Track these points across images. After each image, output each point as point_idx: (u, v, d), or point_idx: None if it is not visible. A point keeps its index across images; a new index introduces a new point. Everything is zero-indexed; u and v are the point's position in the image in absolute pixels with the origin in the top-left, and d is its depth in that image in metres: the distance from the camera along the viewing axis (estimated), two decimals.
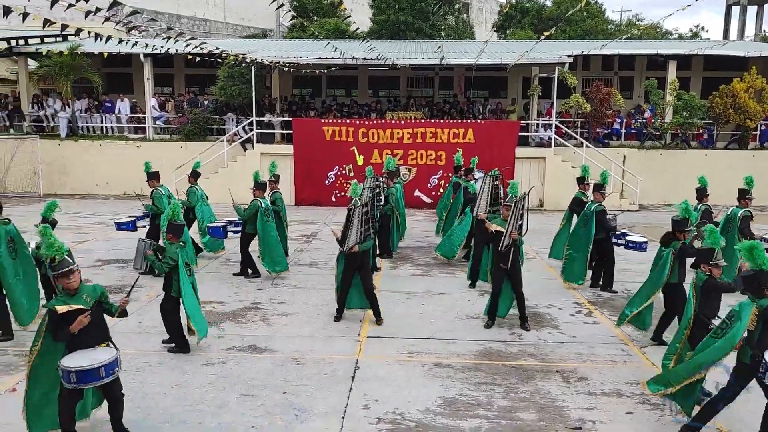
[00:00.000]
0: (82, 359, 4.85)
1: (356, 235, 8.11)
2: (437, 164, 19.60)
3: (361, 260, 8.25)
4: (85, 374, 4.77)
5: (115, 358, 4.97)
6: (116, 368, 4.98)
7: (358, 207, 8.14)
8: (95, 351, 5.00)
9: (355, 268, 8.26)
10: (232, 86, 20.80)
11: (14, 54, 22.64)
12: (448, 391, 6.33)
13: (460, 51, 22.92)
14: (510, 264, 7.99)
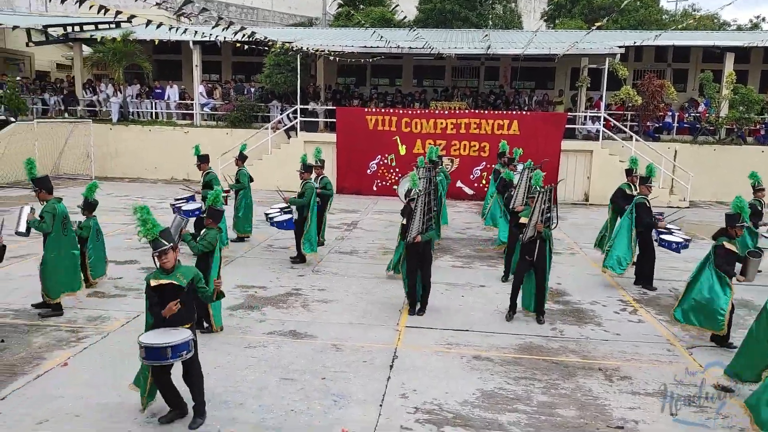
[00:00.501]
0: (156, 337, 4.98)
1: (419, 226, 8.00)
2: (480, 155, 19.39)
3: (423, 251, 8.15)
4: (152, 351, 4.89)
5: (185, 342, 4.97)
6: (184, 351, 4.97)
7: (421, 196, 8.01)
8: (174, 331, 5.05)
9: (417, 259, 8.15)
10: (277, 74, 20.97)
11: (70, 40, 23.36)
12: (487, 384, 6.27)
13: (507, 41, 22.56)
14: (536, 256, 7.86)
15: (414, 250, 8.13)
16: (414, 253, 8.16)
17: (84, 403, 5.53)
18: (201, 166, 11.43)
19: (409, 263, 8.25)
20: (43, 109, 22.93)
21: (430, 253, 8.41)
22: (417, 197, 8.04)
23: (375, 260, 11.33)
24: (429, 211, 8.08)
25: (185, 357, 5.03)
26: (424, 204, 7.99)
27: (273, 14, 32.61)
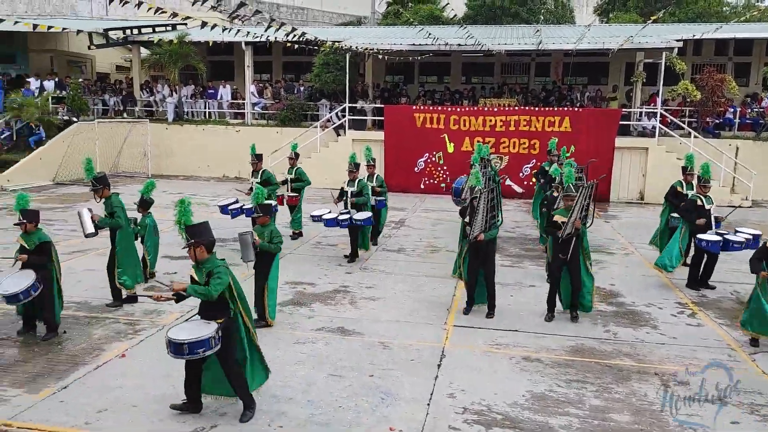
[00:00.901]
0: (181, 332, 5.09)
1: (482, 223, 7.87)
2: (530, 153, 19.06)
3: (486, 249, 8.02)
4: (173, 347, 5.00)
5: (202, 340, 4.96)
6: (203, 349, 4.97)
7: (484, 193, 7.87)
8: (202, 326, 5.13)
9: (479, 257, 8.03)
10: (326, 73, 21.15)
11: (129, 43, 24.14)
12: (537, 386, 6.16)
13: (558, 36, 22.10)
14: (570, 255, 7.68)
15: (477, 248, 8.01)
16: (476, 252, 8.03)
17: (141, 393, 5.71)
18: (257, 165, 11.65)
19: (471, 262, 8.14)
20: (103, 110, 23.79)
21: (494, 251, 8.23)
22: (480, 195, 7.92)
23: (422, 258, 11.29)
24: (492, 208, 7.95)
25: (202, 355, 5.03)
26: (487, 201, 7.86)
27: (322, 14, 32.91)
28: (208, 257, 5.27)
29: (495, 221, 8.06)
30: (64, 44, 26.77)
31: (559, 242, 7.80)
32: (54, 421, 5.22)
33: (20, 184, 18.40)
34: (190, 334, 5.03)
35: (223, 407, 5.51)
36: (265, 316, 7.46)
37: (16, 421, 5.19)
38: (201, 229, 5.32)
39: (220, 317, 5.23)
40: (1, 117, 20.79)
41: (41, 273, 6.88)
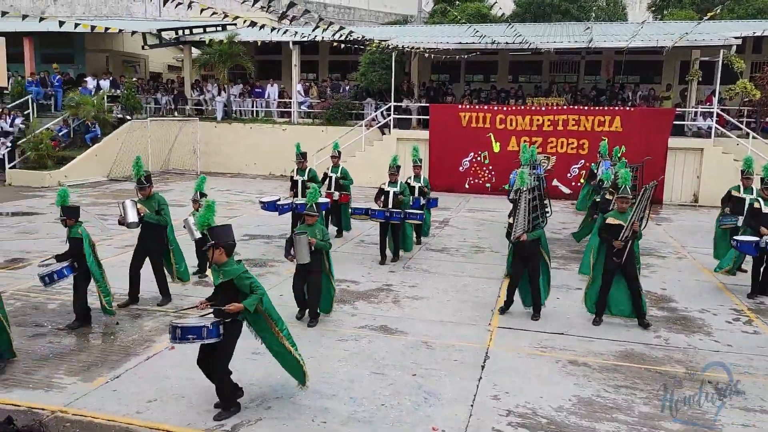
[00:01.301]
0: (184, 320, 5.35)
1: (524, 224, 7.76)
2: (579, 153, 18.70)
3: (529, 250, 7.89)
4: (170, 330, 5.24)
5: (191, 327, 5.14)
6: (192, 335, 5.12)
7: (524, 193, 7.78)
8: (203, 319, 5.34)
9: (523, 258, 7.90)
10: (372, 72, 21.23)
11: (180, 43, 24.79)
12: (584, 390, 6.03)
13: (610, 33, 21.59)
14: (624, 258, 7.47)
15: (520, 249, 7.89)
16: (520, 252, 7.91)
17: (188, 384, 5.84)
18: (302, 163, 11.74)
19: (515, 262, 8.04)
20: (155, 108, 24.49)
21: (537, 253, 8.05)
22: (520, 195, 7.82)
23: (466, 258, 11.21)
24: (535, 208, 7.83)
25: (194, 341, 5.18)
26: (529, 201, 7.76)
27: (369, 13, 33.05)
28: (226, 260, 5.29)
29: (538, 222, 7.93)
30: (120, 44, 27.65)
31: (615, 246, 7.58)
32: (107, 409, 5.39)
33: (77, 179, 19.11)
34: (187, 322, 5.23)
35: (268, 401, 5.59)
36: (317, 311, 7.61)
37: (72, 408, 5.38)
38: (222, 231, 5.35)
39: (227, 316, 5.25)
40: (60, 115, 21.62)
41: (77, 262, 7.12)
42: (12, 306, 7.98)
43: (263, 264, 10.40)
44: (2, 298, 6.38)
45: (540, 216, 7.96)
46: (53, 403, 5.45)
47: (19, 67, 23.27)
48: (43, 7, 30.40)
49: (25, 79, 22.71)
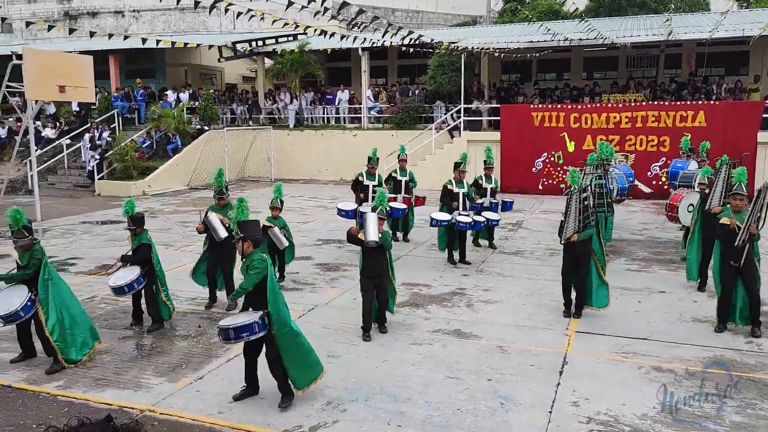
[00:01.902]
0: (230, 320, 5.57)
1: (574, 224, 7.64)
2: (659, 150, 17.93)
3: (580, 251, 7.76)
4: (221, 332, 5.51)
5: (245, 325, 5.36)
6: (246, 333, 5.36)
7: (575, 194, 7.64)
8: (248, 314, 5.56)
9: (574, 259, 7.80)
10: (441, 75, 21.16)
11: (254, 54, 25.59)
12: (668, 397, 5.74)
13: (690, 24, 20.58)
14: (743, 261, 7.02)
15: (571, 249, 7.77)
16: (571, 253, 7.81)
17: (267, 385, 5.97)
18: (373, 169, 11.81)
19: (566, 264, 7.94)
20: (231, 118, 25.38)
21: (588, 254, 7.91)
22: (571, 194, 7.66)
23: (541, 261, 10.96)
24: (586, 209, 7.66)
25: (246, 339, 5.42)
26: (580, 201, 7.59)
27: (437, 16, 32.96)
28: (251, 252, 5.66)
29: (589, 221, 7.72)
30: (197, 58, 28.86)
31: (732, 249, 7.18)
32: (191, 409, 5.60)
33: (159, 189, 20.06)
34: (235, 320, 5.46)
35: (344, 404, 5.65)
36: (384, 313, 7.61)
37: (159, 408, 5.64)
38: (250, 226, 5.78)
39: (260, 308, 5.55)
40: (143, 127, 22.79)
41: (145, 269, 7.46)
42: (102, 310, 8.46)
43: (337, 268, 10.55)
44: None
45: (591, 216, 7.77)
46: (142, 403, 5.72)
47: (105, 83, 24.71)
48: (126, 25, 32.16)
49: (111, 94, 24.10)
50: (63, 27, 14.31)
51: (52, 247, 12.25)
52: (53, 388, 6.03)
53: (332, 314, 8.16)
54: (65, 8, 33.34)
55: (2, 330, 7.64)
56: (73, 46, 25.29)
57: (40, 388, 6.04)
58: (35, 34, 32.68)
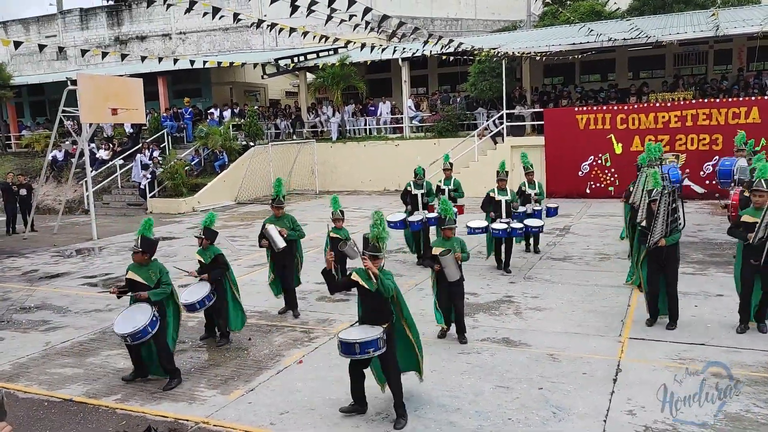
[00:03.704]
0: (353, 333, 5.42)
1: (662, 228, 7.29)
2: (712, 149, 17.34)
3: (666, 256, 7.42)
4: (344, 346, 5.33)
5: (371, 340, 5.27)
6: (372, 348, 5.27)
7: (665, 196, 7.30)
8: (371, 328, 5.43)
9: (660, 265, 7.45)
10: (482, 81, 21.05)
11: (296, 69, 26.05)
12: (731, 405, 5.52)
13: (740, 18, 19.90)
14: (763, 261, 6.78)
15: (657, 255, 7.41)
16: (656, 259, 7.44)
17: (317, 397, 6.05)
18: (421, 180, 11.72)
19: (651, 271, 7.55)
20: (275, 133, 25.85)
21: (676, 258, 7.55)
22: (660, 197, 7.36)
23: (591, 266, 10.72)
24: (674, 211, 7.34)
25: (373, 354, 5.32)
26: (668, 203, 7.28)
27: (476, 22, 32.83)
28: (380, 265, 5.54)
29: (677, 225, 7.40)
30: (242, 76, 29.55)
31: (750, 247, 6.96)
32: (244, 420, 5.70)
33: (208, 204, 20.55)
34: (360, 334, 5.34)
35: (393, 414, 5.63)
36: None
37: (213, 419, 5.75)
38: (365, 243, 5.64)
39: (384, 321, 5.45)
40: (192, 145, 23.43)
41: (215, 284, 7.57)
42: None
43: None
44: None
45: (679, 219, 7.44)
46: (196, 415, 5.85)
47: (155, 104, 25.56)
48: (173, 47, 33.23)
49: (161, 114, 24.89)
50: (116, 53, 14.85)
51: (108, 265, 12.71)
52: (112, 402, 6.23)
53: None
54: (115, 33, 34.70)
55: (63, 346, 7.96)
56: (124, 69, 26.29)
57: (100, 402, 6.25)
58: (88, 60, 34.11)
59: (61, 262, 13.41)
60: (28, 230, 17.44)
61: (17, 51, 21.60)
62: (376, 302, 5.49)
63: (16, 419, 5.80)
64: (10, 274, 12.50)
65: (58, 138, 21.79)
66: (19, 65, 35.66)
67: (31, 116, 32.17)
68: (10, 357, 7.66)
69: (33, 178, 21.95)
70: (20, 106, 31.93)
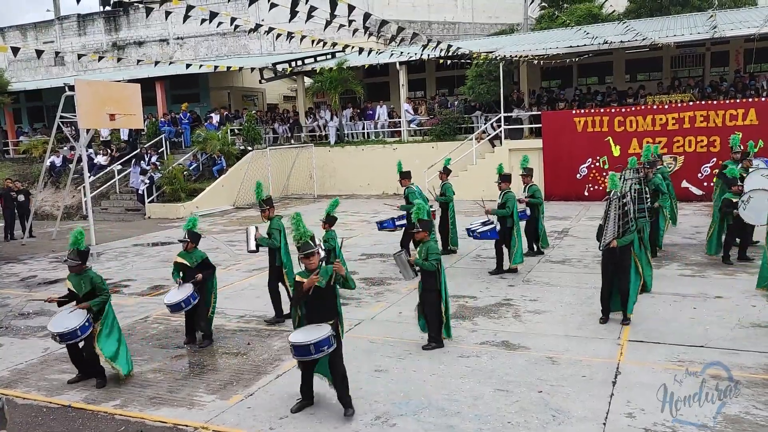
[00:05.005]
0: (299, 335, 5.53)
1: (613, 230, 7.58)
2: (709, 151, 17.38)
3: (620, 257, 7.70)
4: (299, 349, 5.43)
5: (324, 338, 5.40)
6: (325, 347, 5.42)
7: (614, 199, 7.60)
8: (316, 328, 5.57)
9: (612, 264, 7.77)
10: (480, 85, 21.06)
11: (294, 74, 26.06)
12: (730, 407, 5.52)
13: (736, 20, 19.97)
14: None
15: (610, 255, 7.72)
16: (610, 259, 7.76)
17: (317, 401, 6.03)
18: (402, 182, 11.86)
19: (604, 270, 7.89)
20: (273, 138, 25.84)
21: (629, 260, 7.83)
22: (610, 200, 7.57)
23: (589, 269, 10.72)
24: (625, 214, 7.60)
25: (326, 352, 5.47)
26: (619, 206, 7.54)
27: (474, 26, 32.89)
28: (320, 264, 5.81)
29: (629, 227, 7.65)
30: (239, 81, 29.55)
31: None
32: (243, 425, 5.69)
33: (206, 209, 20.54)
34: (312, 335, 5.47)
35: (392, 418, 5.63)
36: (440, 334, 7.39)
37: (212, 425, 5.74)
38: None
39: (330, 318, 5.67)
40: (189, 150, 23.42)
41: (198, 286, 7.65)
42: (155, 329, 8.69)
43: (381, 282, 10.57)
44: None
45: (631, 221, 7.70)
46: (195, 420, 5.83)
47: (153, 109, 25.54)
48: (170, 52, 33.25)
49: (158, 119, 24.89)
50: (113, 57, 14.88)
51: (106, 270, 12.69)
52: (111, 407, 6.21)
53: (378, 328, 8.17)
54: (113, 39, 34.71)
55: (62, 352, 7.94)
56: (122, 75, 26.30)
57: (99, 408, 6.23)
58: (86, 65, 34.12)
59: (60, 268, 13.37)
60: (26, 236, 17.41)
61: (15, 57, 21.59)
62: (323, 300, 5.68)
63: (14, 425, 5.78)
64: (8, 280, 12.48)
65: (56, 144, 21.77)
66: (16, 71, 35.66)
67: (29, 122, 32.14)
68: (9, 363, 7.65)
69: (31, 183, 21.94)
70: (18, 112, 31.89)
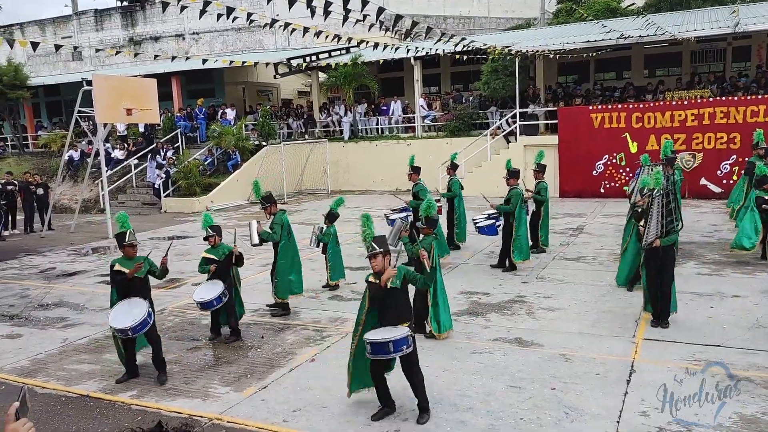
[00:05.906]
0: (378, 334, 5.38)
1: (656, 228, 7.33)
2: (729, 148, 17.16)
3: (663, 256, 7.46)
4: (377, 347, 5.29)
5: (404, 337, 5.29)
6: (404, 346, 5.29)
7: (658, 197, 7.32)
8: (394, 328, 5.43)
9: (657, 264, 7.49)
10: (495, 80, 20.96)
11: (309, 69, 26.10)
12: (746, 407, 5.47)
13: (760, 14, 19.64)
14: None
15: (653, 255, 7.44)
16: (653, 259, 7.47)
17: (329, 395, 6.07)
18: (412, 177, 11.84)
19: (648, 270, 7.59)
20: (287, 133, 25.91)
21: (672, 259, 7.58)
22: (653, 198, 7.34)
23: (604, 267, 10.65)
24: (670, 213, 7.32)
25: (405, 352, 5.30)
26: (663, 204, 7.27)
27: (489, 20, 32.69)
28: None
29: (673, 227, 7.40)
30: (254, 76, 29.66)
31: None
32: (257, 417, 5.73)
33: (221, 204, 20.66)
34: (391, 334, 5.32)
35: (405, 413, 5.64)
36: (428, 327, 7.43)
37: (226, 416, 5.79)
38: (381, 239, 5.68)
39: (406, 320, 5.50)
40: (205, 145, 23.56)
41: (227, 282, 7.65)
42: (171, 322, 8.78)
43: None
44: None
45: (675, 220, 7.42)
46: (210, 411, 5.89)
47: (168, 104, 25.72)
48: (186, 47, 33.42)
49: (174, 114, 25.06)
50: (130, 52, 15.00)
51: None
52: (127, 398, 6.29)
53: None
54: (130, 34, 34.97)
55: (80, 342, 8.06)
56: (138, 70, 26.50)
57: (116, 398, 6.32)
58: (103, 60, 34.41)
59: (78, 260, 13.55)
60: (45, 229, 17.65)
61: (34, 52, 21.84)
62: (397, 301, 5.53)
63: (34, 413, 5.87)
64: (28, 272, 12.67)
65: (74, 138, 22.00)
66: (35, 66, 36.05)
67: (48, 116, 32.55)
68: (29, 353, 7.77)
69: (50, 177, 22.20)
70: (37, 107, 32.29)
